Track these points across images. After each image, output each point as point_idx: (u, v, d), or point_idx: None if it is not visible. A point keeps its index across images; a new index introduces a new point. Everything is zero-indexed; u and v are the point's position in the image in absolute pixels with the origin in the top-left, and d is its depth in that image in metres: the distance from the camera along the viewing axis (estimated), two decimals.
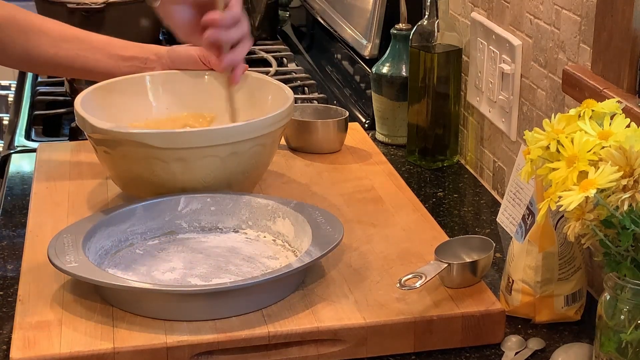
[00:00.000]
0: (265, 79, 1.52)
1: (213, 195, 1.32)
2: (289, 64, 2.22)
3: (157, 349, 1.08)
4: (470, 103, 1.62)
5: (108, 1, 2.15)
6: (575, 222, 0.96)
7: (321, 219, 1.25)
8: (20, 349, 1.07)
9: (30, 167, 1.61)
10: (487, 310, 1.15)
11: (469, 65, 1.61)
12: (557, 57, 1.33)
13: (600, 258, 0.99)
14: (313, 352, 1.11)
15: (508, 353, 1.14)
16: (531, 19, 1.40)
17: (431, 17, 1.60)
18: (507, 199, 1.43)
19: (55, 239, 1.20)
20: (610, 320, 0.99)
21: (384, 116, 1.73)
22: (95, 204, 1.40)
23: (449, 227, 1.43)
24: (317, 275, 1.21)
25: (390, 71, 1.71)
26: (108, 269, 1.20)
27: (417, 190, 1.54)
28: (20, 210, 1.47)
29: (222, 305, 1.12)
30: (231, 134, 1.31)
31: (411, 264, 1.23)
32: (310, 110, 1.65)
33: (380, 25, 1.84)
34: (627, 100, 1.12)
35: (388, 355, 1.13)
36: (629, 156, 0.93)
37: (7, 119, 2.17)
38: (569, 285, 1.19)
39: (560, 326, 1.20)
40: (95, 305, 1.15)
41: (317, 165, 1.56)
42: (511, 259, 1.20)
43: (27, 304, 1.15)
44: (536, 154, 1.02)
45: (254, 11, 2.29)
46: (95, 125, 1.31)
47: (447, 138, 1.65)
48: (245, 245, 1.28)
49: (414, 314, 1.14)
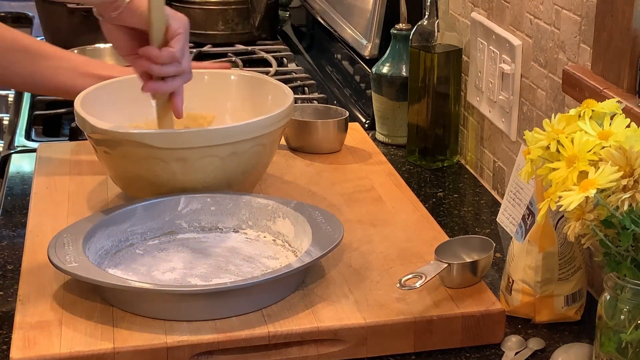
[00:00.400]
0: (265, 79, 1.53)
1: (213, 195, 1.32)
2: (289, 64, 2.22)
3: (157, 349, 1.08)
4: (470, 103, 1.62)
5: None
6: (575, 222, 0.96)
7: (321, 219, 1.25)
8: (20, 349, 1.07)
9: (30, 167, 1.61)
10: (487, 310, 1.15)
11: (469, 65, 1.61)
12: (557, 57, 1.33)
13: (600, 258, 0.99)
14: (313, 352, 1.11)
15: (508, 353, 1.14)
16: (531, 19, 1.40)
17: (431, 17, 1.60)
18: (507, 199, 1.43)
19: (55, 239, 1.20)
20: (610, 320, 0.99)
21: (384, 116, 1.73)
22: (95, 204, 1.40)
23: (449, 227, 1.43)
24: (317, 275, 1.21)
25: (390, 71, 1.71)
26: (108, 269, 1.20)
27: (417, 190, 1.54)
28: (20, 210, 1.47)
29: (222, 305, 1.12)
30: (231, 134, 1.31)
31: (411, 264, 1.23)
32: (310, 110, 1.65)
33: (380, 25, 1.84)
34: (627, 100, 1.12)
35: (388, 355, 1.13)
36: (629, 156, 0.93)
37: (7, 119, 2.17)
38: (569, 285, 1.19)
39: (560, 326, 1.20)
40: (95, 305, 1.15)
41: (317, 165, 1.56)
42: (511, 259, 1.20)
43: (27, 304, 1.15)
44: (536, 154, 1.02)
45: (254, 11, 2.29)
46: (95, 125, 1.31)
47: (447, 138, 1.65)
48: (245, 245, 1.28)
49: (414, 314, 1.14)
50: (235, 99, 1.52)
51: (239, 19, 2.29)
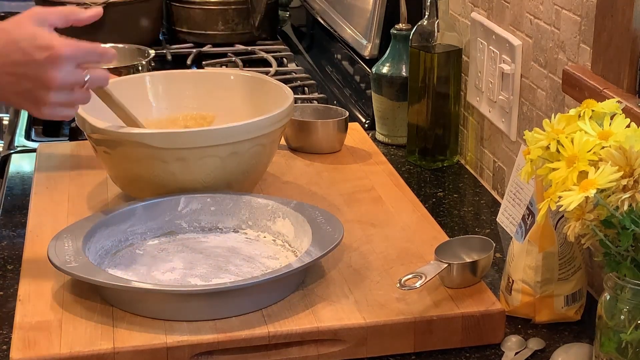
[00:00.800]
0: (265, 79, 1.53)
1: (213, 195, 1.32)
2: (289, 64, 2.22)
3: (157, 349, 1.08)
4: (470, 103, 1.62)
5: (108, 1, 2.15)
6: (575, 222, 0.96)
7: (321, 219, 1.25)
8: (20, 349, 1.07)
9: (30, 167, 1.61)
10: (487, 310, 1.15)
11: (469, 65, 1.61)
12: (557, 57, 1.33)
13: (600, 258, 0.99)
14: (313, 352, 1.11)
15: (508, 353, 1.14)
16: (531, 19, 1.40)
17: (431, 17, 1.60)
18: (507, 199, 1.43)
19: (55, 239, 1.20)
20: (610, 320, 0.99)
21: (384, 116, 1.73)
22: (95, 204, 1.40)
23: (449, 227, 1.43)
24: (317, 275, 1.21)
25: (390, 71, 1.71)
26: (108, 269, 1.20)
27: (417, 190, 1.54)
28: (20, 210, 1.47)
29: (222, 305, 1.12)
30: (231, 134, 1.31)
31: (411, 264, 1.23)
32: (310, 110, 1.65)
33: (380, 25, 1.84)
34: (627, 100, 1.12)
35: (388, 355, 1.13)
36: (629, 156, 0.93)
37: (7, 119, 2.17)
38: (569, 285, 1.19)
39: (560, 326, 1.20)
40: (95, 305, 1.15)
41: (317, 165, 1.56)
42: (511, 259, 1.20)
43: (27, 304, 1.15)
44: (536, 154, 1.02)
45: (254, 11, 2.29)
46: (95, 125, 1.31)
47: (447, 138, 1.65)
48: (245, 245, 1.28)
49: (414, 314, 1.14)
50: (235, 99, 1.52)
51: (239, 19, 2.30)
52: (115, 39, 2.11)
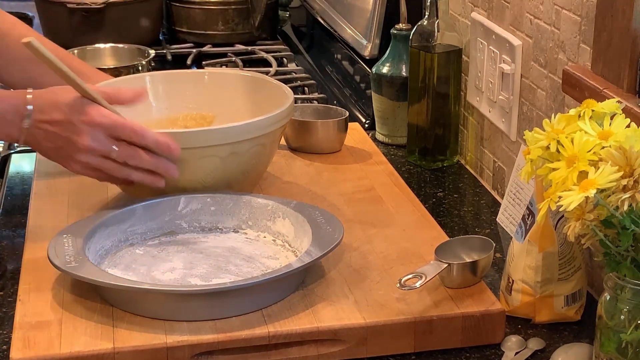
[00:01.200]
0: (265, 79, 1.53)
1: (213, 195, 1.32)
2: (289, 64, 2.22)
3: (157, 349, 1.08)
4: (470, 103, 1.62)
5: (108, 1, 2.16)
6: (575, 222, 0.96)
7: (321, 219, 1.25)
8: (20, 349, 1.07)
9: (30, 167, 1.61)
10: (487, 310, 1.15)
11: (469, 65, 1.61)
12: (557, 57, 1.33)
13: (600, 258, 0.99)
14: (313, 352, 1.11)
15: (508, 353, 1.14)
16: (531, 19, 1.40)
17: (431, 17, 1.60)
18: (507, 199, 1.43)
19: (55, 239, 1.20)
20: (610, 320, 0.99)
21: (384, 116, 1.73)
22: (95, 204, 1.40)
23: (449, 227, 1.43)
24: (317, 275, 1.21)
25: (390, 71, 1.71)
26: (108, 269, 1.20)
27: (417, 190, 1.54)
28: (20, 210, 1.47)
29: (222, 305, 1.12)
30: (231, 134, 1.31)
31: (411, 264, 1.23)
32: (310, 110, 1.65)
33: (380, 25, 1.84)
34: (627, 100, 1.12)
35: (388, 355, 1.13)
36: (629, 156, 0.93)
37: None
38: (569, 285, 1.19)
39: (560, 326, 1.20)
40: (95, 305, 1.15)
41: (317, 165, 1.56)
42: (511, 259, 1.20)
43: (27, 304, 1.15)
44: (536, 154, 1.02)
45: (254, 11, 2.29)
46: None
47: (447, 138, 1.65)
48: (245, 245, 1.28)
49: (414, 314, 1.14)
50: (235, 99, 1.51)
51: (239, 19, 2.30)
52: (115, 39, 2.12)
